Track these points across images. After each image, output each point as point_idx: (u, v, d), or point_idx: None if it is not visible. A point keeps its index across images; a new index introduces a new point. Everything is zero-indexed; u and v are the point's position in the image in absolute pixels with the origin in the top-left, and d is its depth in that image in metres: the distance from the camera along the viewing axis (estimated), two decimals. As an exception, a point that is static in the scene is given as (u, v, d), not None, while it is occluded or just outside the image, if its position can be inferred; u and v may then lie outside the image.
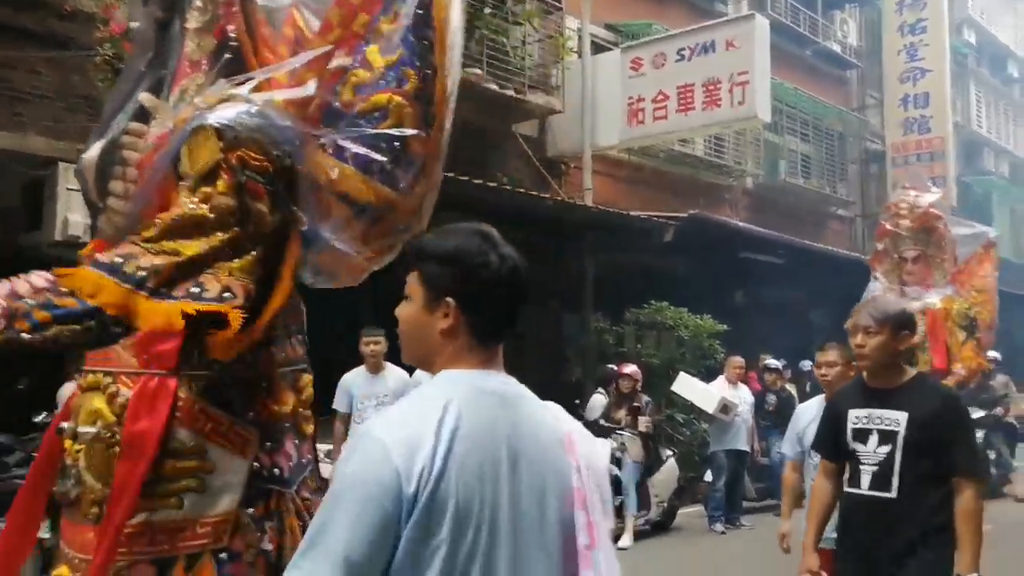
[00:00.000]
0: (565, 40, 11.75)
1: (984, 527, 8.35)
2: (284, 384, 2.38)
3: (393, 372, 6.52)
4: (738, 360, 9.48)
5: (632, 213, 10.86)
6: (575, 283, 11.02)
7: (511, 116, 11.43)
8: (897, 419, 3.06)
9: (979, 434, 10.53)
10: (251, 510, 2.25)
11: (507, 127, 11.66)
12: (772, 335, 13.03)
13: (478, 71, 10.33)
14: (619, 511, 8.05)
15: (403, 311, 1.61)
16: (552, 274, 11.42)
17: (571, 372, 11.37)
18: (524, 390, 1.62)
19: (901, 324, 3.12)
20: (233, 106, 2.22)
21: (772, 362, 10.61)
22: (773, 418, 9.87)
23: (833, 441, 3.25)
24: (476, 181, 8.88)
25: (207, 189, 2.18)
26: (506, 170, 11.63)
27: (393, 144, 2.35)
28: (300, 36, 2.52)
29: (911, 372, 3.21)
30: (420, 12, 2.39)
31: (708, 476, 9.23)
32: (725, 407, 8.85)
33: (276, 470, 2.32)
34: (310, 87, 2.31)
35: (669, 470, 8.83)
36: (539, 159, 12.12)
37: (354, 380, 6.57)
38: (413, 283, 1.60)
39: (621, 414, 8.45)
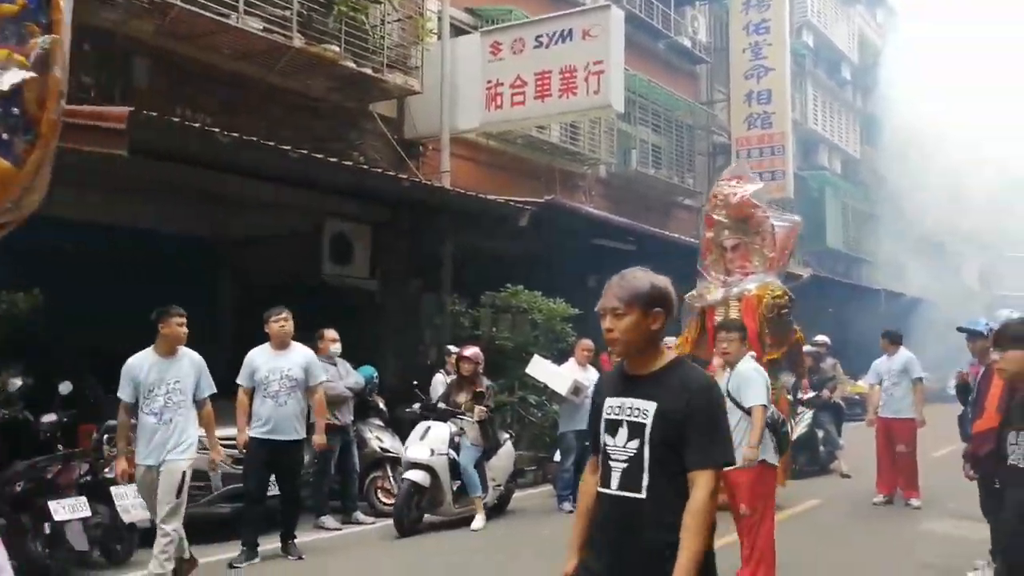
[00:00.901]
0: (425, 21, 11.67)
1: (811, 502, 8.84)
2: None
3: (298, 349, 6.87)
4: (587, 343, 9.71)
5: (489, 197, 10.93)
6: (433, 265, 11.01)
7: (369, 95, 11.26)
8: (646, 410, 2.66)
9: (808, 414, 11.23)
10: None
11: (364, 106, 11.49)
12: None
13: (336, 48, 10.11)
14: (459, 495, 8.08)
15: None
16: (411, 255, 11.37)
17: (427, 354, 11.38)
18: None
19: (651, 301, 2.71)
20: None
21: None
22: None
23: (596, 434, 2.85)
24: (331, 159, 8.71)
25: None
26: (363, 149, 11.46)
27: (11, 111, 2.12)
28: None
29: (669, 356, 2.80)
30: None
31: (557, 456, 9.45)
32: (576, 389, 9.05)
33: None
34: None
35: (506, 454, 8.78)
36: (397, 140, 12.02)
37: (259, 356, 6.77)
38: None
39: (463, 398, 8.30)
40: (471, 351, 8.50)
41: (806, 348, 12.13)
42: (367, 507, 8.50)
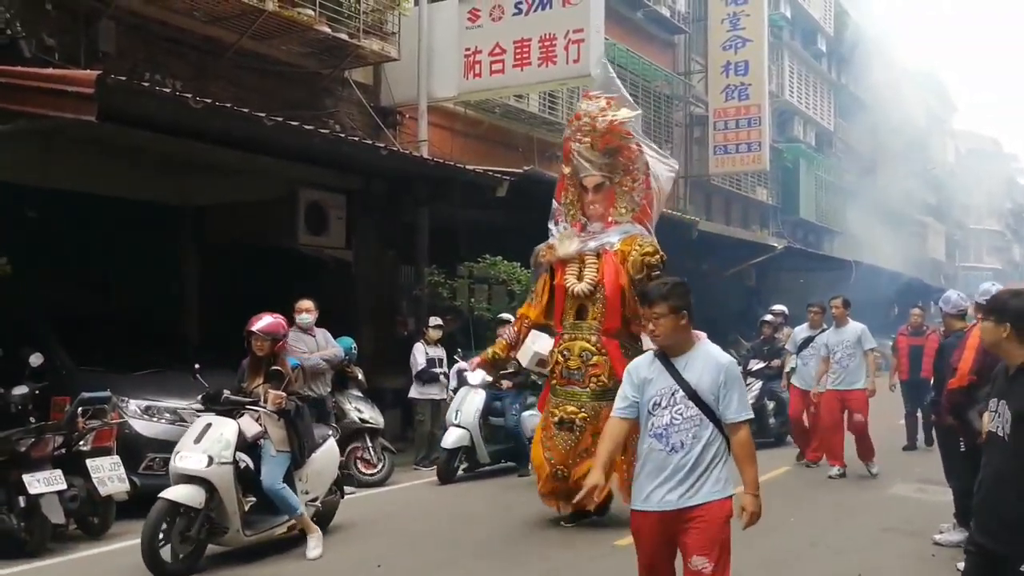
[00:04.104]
0: (402, -14, 11.45)
1: (781, 469, 8.76)
2: None
3: None
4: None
5: (467, 167, 10.80)
6: (410, 235, 10.88)
7: (344, 61, 11.04)
8: None
9: (757, 384, 11.01)
10: None
11: (340, 73, 11.27)
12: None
13: (310, 12, 9.89)
14: (254, 516, 5.84)
15: None
16: (388, 225, 11.23)
17: (405, 325, 11.29)
18: None
19: None
20: None
21: None
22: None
23: None
24: (306, 127, 8.52)
25: None
26: (338, 117, 11.27)
27: None
28: None
29: None
30: None
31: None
32: (541, 361, 8.90)
33: None
34: None
35: (326, 457, 6.38)
36: (373, 108, 11.83)
37: None
38: None
39: (257, 383, 5.93)
40: (263, 323, 5.90)
41: (766, 317, 11.94)
42: (349, 478, 8.41)
